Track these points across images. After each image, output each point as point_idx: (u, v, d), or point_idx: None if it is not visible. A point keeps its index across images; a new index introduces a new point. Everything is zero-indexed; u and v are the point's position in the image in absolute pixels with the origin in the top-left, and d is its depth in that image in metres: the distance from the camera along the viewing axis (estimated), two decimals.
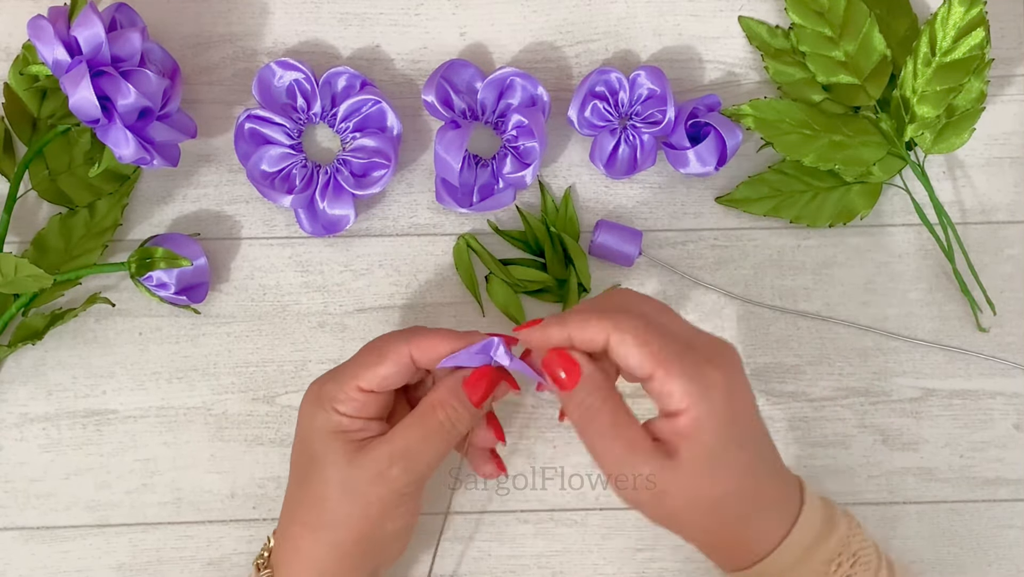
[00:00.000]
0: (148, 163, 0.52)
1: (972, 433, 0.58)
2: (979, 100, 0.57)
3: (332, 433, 0.47)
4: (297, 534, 0.48)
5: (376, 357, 0.48)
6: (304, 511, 0.48)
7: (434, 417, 0.48)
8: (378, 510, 0.47)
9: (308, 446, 0.48)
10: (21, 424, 0.57)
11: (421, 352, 0.48)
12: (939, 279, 0.59)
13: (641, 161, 0.57)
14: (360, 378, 0.47)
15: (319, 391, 0.48)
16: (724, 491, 0.44)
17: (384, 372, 0.48)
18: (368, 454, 0.47)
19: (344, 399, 0.47)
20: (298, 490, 0.49)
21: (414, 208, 0.59)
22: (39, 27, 0.49)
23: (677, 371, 0.43)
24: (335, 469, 0.47)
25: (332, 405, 0.47)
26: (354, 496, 0.47)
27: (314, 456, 0.48)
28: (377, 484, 0.47)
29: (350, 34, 0.59)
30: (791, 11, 0.58)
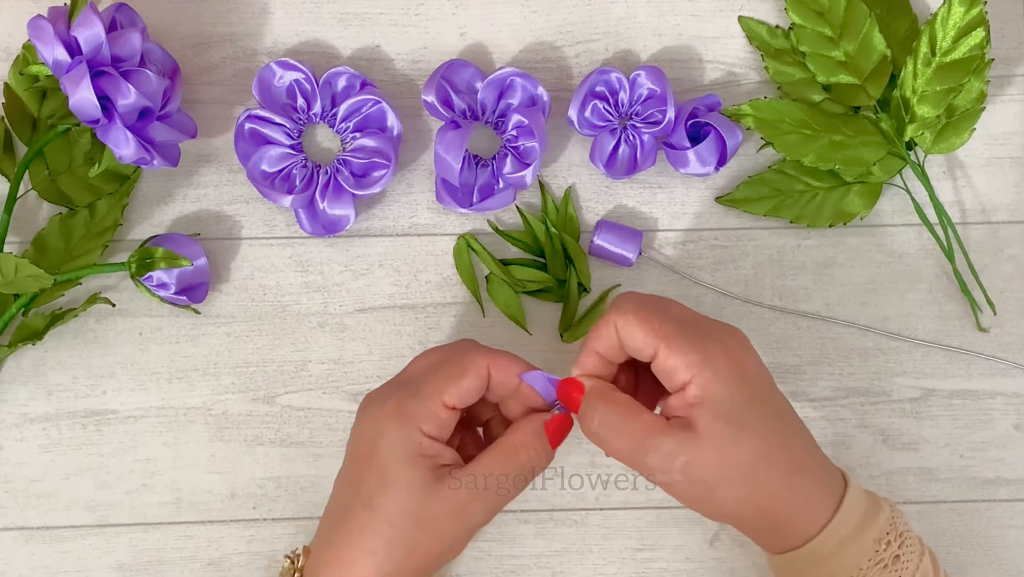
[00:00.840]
0: (148, 163, 0.52)
1: (972, 433, 0.58)
2: (979, 100, 0.57)
3: (412, 457, 0.45)
4: (352, 559, 0.45)
5: (458, 371, 0.46)
6: (367, 536, 0.45)
7: (517, 458, 0.47)
8: (450, 544, 0.46)
9: (378, 465, 0.45)
10: (21, 424, 0.57)
11: (498, 369, 0.47)
12: (939, 279, 0.59)
13: (641, 161, 0.57)
14: (446, 393, 0.45)
15: (399, 407, 0.45)
16: (751, 453, 0.44)
17: (467, 386, 0.46)
18: (449, 486, 0.45)
19: (429, 417, 0.45)
20: (361, 512, 0.45)
21: (414, 208, 0.59)
22: (39, 27, 0.49)
23: (678, 344, 0.44)
24: (412, 498, 0.45)
25: (418, 424, 0.45)
26: (429, 529, 0.45)
27: (387, 479, 0.45)
28: (456, 520, 0.45)
29: (350, 34, 0.59)
30: (791, 11, 0.58)
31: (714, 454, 0.44)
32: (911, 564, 0.46)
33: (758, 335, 0.58)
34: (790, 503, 0.45)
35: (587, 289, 0.58)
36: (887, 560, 0.45)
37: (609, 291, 0.58)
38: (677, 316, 0.46)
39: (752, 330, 0.58)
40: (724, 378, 0.44)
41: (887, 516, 0.46)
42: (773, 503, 0.45)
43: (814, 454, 0.47)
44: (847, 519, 0.45)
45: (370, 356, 0.57)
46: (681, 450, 0.44)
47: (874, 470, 0.58)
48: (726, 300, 0.58)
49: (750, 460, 0.44)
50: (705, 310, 0.58)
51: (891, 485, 0.58)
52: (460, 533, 0.46)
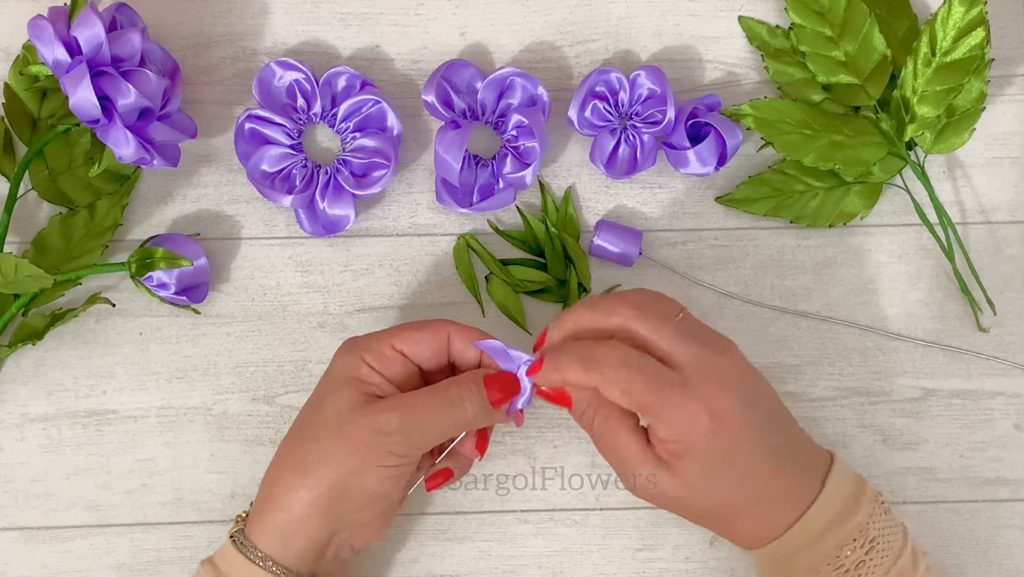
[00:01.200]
0: (148, 163, 0.52)
1: (972, 433, 0.58)
2: (979, 100, 0.57)
3: (349, 378, 0.48)
4: (277, 476, 0.48)
5: (417, 325, 0.49)
6: (294, 451, 0.48)
7: (446, 391, 0.48)
8: (363, 458, 0.46)
9: (322, 388, 0.49)
10: (21, 424, 0.57)
11: (459, 336, 0.49)
12: (939, 279, 0.59)
13: (641, 161, 0.57)
14: (396, 337, 0.49)
15: (353, 340, 0.49)
16: (716, 501, 0.47)
17: (420, 337, 0.49)
18: (373, 404, 0.47)
19: (374, 350, 0.48)
20: (296, 432, 0.49)
21: (414, 208, 0.59)
22: (39, 27, 0.49)
23: (658, 412, 0.46)
24: (336, 411, 0.47)
25: (360, 353, 0.48)
26: (346, 440, 0.47)
27: (323, 397, 0.48)
28: (371, 433, 0.46)
29: (350, 34, 0.59)
30: (791, 11, 0.58)
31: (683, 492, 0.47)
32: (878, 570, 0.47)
33: (758, 335, 0.58)
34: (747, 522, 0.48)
35: (587, 289, 0.58)
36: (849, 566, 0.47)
37: (609, 291, 0.58)
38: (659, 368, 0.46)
39: (752, 330, 0.58)
40: (703, 442, 0.46)
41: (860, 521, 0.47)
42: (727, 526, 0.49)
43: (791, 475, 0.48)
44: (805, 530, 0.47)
45: None
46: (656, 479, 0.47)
47: (874, 470, 0.58)
48: (726, 300, 0.58)
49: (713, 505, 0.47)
50: (705, 310, 0.58)
51: (891, 485, 0.58)
52: (376, 447, 0.46)
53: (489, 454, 0.57)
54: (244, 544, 0.47)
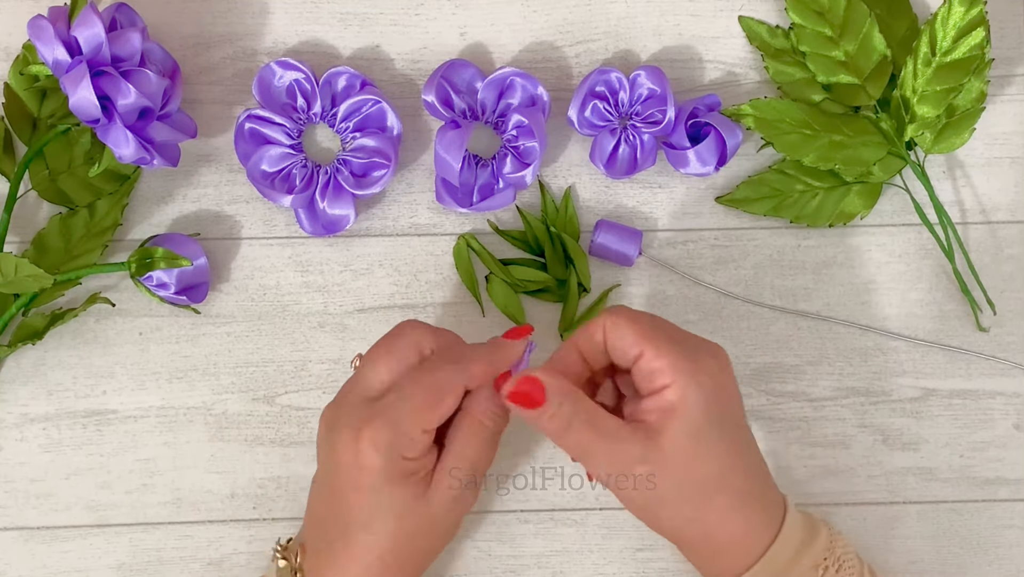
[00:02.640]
0: (148, 163, 0.52)
1: (972, 433, 0.58)
2: (979, 100, 0.57)
3: (401, 479, 0.46)
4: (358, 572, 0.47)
5: (437, 396, 0.46)
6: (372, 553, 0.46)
7: (484, 428, 0.48)
8: (450, 533, 0.49)
9: (370, 493, 0.46)
10: (21, 424, 0.57)
11: (476, 382, 0.48)
12: (939, 279, 0.59)
13: (641, 161, 0.57)
14: (425, 423, 0.46)
15: (376, 440, 0.45)
16: (708, 472, 0.45)
17: (446, 411, 0.47)
18: (439, 487, 0.47)
19: (411, 445, 0.46)
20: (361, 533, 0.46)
21: (414, 208, 0.59)
22: (39, 27, 0.49)
23: (666, 348, 0.45)
24: (410, 513, 0.46)
25: (399, 453, 0.46)
26: (430, 531, 0.47)
27: (380, 503, 0.46)
28: (453, 511, 0.47)
29: (350, 34, 0.59)
30: (791, 11, 0.58)
31: (677, 469, 0.44)
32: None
33: (758, 335, 0.58)
34: (734, 528, 0.46)
35: (587, 289, 0.58)
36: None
37: (609, 291, 0.58)
38: (667, 328, 0.47)
39: (752, 330, 0.58)
40: (704, 390, 0.44)
41: (824, 541, 0.47)
42: (717, 529, 0.46)
43: (763, 480, 0.48)
44: (786, 545, 0.46)
45: None
46: (644, 457, 0.44)
47: (874, 470, 0.58)
48: (726, 300, 0.58)
49: (706, 478, 0.45)
50: (705, 310, 0.58)
51: (891, 485, 0.58)
52: (458, 518, 0.49)
53: None
54: None
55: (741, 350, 0.58)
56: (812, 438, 0.58)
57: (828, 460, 0.58)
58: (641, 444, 0.44)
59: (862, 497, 0.58)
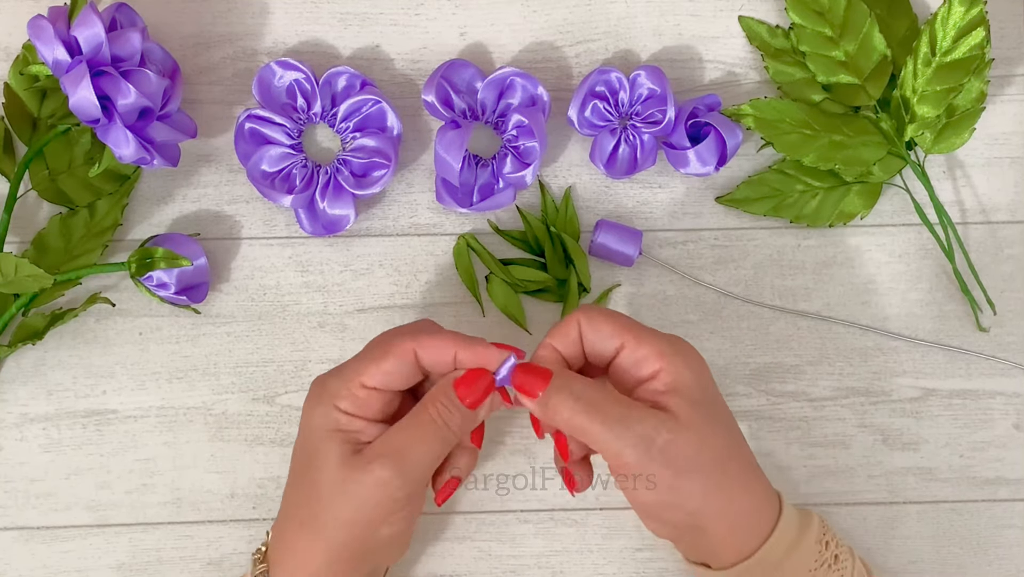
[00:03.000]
0: (148, 163, 0.52)
1: (972, 433, 0.58)
2: (979, 100, 0.57)
3: (331, 431, 0.47)
4: (292, 532, 0.47)
5: (380, 353, 0.47)
6: (300, 510, 0.47)
7: (425, 413, 0.47)
8: (373, 515, 0.46)
9: (307, 443, 0.47)
10: (21, 424, 0.57)
11: (426, 352, 0.47)
12: (939, 279, 0.59)
13: (641, 161, 0.57)
14: (363, 374, 0.46)
15: (322, 387, 0.47)
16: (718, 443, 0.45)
17: (387, 368, 0.47)
18: (364, 456, 0.46)
19: (346, 395, 0.47)
20: (295, 488, 0.48)
21: (414, 208, 0.59)
22: (39, 27, 0.49)
23: (647, 336, 0.46)
24: (331, 470, 0.46)
25: (333, 402, 0.47)
26: (349, 499, 0.46)
27: (312, 454, 0.47)
28: (373, 489, 0.46)
29: (350, 34, 0.59)
30: (791, 11, 0.58)
31: (693, 436, 0.44)
32: (848, 563, 0.48)
33: (758, 335, 0.58)
34: (749, 499, 0.46)
35: (587, 289, 0.58)
36: (829, 560, 0.47)
37: (609, 291, 0.58)
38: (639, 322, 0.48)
39: (752, 330, 0.58)
40: (693, 372, 0.46)
41: (818, 521, 0.49)
42: (739, 496, 0.46)
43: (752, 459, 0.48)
44: (789, 525, 0.47)
45: None
46: (664, 428, 0.44)
47: (874, 470, 0.58)
48: (726, 300, 0.58)
49: (723, 447, 0.46)
50: (705, 310, 0.58)
51: (891, 485, 0.58)
52: (383, 502, 0.46)
53: (489, 454, 0.57)
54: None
55: (741, 350, 0.58)
56: (812, 438, 0.58)
57: (828, 460, 0.58)
58: (655, 416, 0.44)
59: (862, 497, 0.58)
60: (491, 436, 0.57)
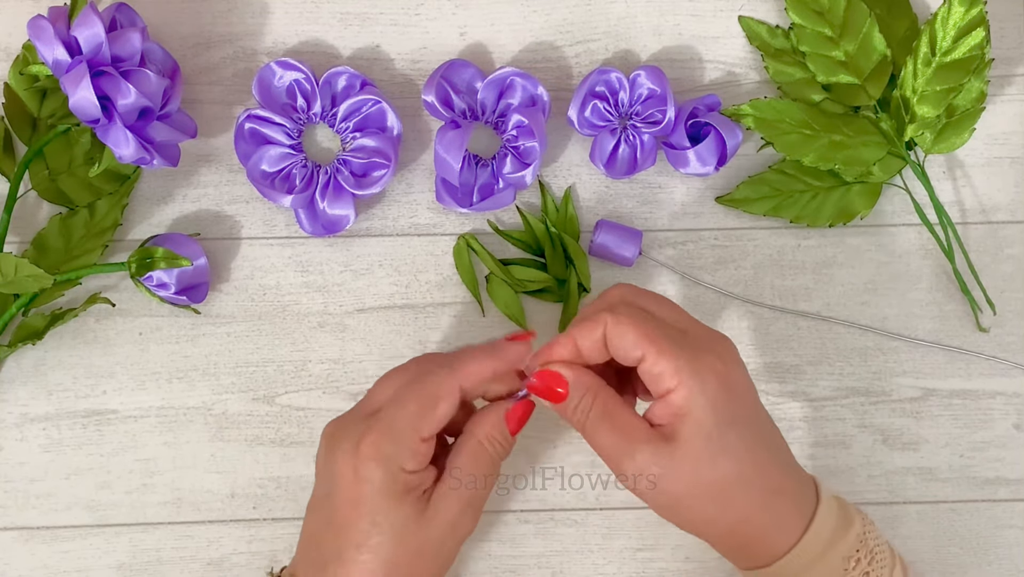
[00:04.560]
0: (148, 163, 0.52)
1: (972, 433, 0.58)
2: (979, 100, 0.57)
3: (399, 495, 0.44)
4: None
5: (430, 401, 0.45)
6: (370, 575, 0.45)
7: (486, 453, 0.47)
8: (448, 558, 0.46)
9: (368, 510, 0.45)
10: (21, 424, 0.57)
11: (469, 382, 0.46)
12: (939, 279, 0.59)
13: (641, 161, 0.57)
14: (422, 429, 0.45)
15: (377, 451, 0.44)
16: (724, 473, 0.44)
17: (442, 415, 0.45)
18: (438, 508, 0.45)
19: (410, 457, 0.44)
20: (358, 554, 0.44)
21: (414, 208, 0.59)
22: (39, 27, 0.49)
23: (669, 350, 0.44)
24: (408, 534, 0.45)
25: (399, 464, 0.44)
26: (428, 553, 0.45)
27: (378, 521, 0.44)
28: (451, 535, 0.46)
29: (350, 34, 0.59)
30: (791, 11, 0.58)
31: (687, 471, 0.44)
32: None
33: (758, 335, 0.58)
34: (761, 524, 0.45)
35: (587, 289, 0.58)
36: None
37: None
38: (670, 320, 0.46)
39: (752, 330, 0.58)
40: (710, 391, 0.44)
41: (858, 531, 0.46)
42: (744, 525, 0.45)
43: (790, 472, 0.46)
44: (816, 538, 0.45)
45: (370, 356, 0.57)
46: (654, 462, 0.44)
47: (874, 470, 0.58)
48: (726, 300, 0.58)
49: (723, 480, 0.44)
50: (705, 310, 0.58)
51: (891, 485, 0.58)
52: (455, 545, 0.47)
53: None
54: None
55: (741, 350, 0.58)
56: (812, 438, 0.58)
57: (828, 460, 0.58)
58: (653, 445, 0.44)
59: (862, 497, 0.58)
60: None
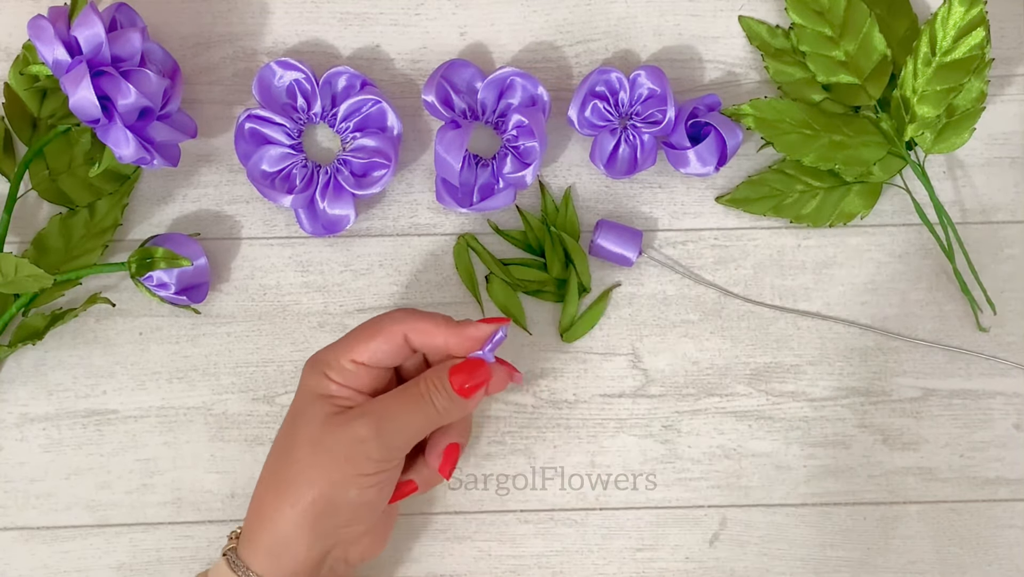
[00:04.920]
0: (148, 163, 0.52)
1: (972, 433, 0.58)
2: (979, 100, 0.57)
3: (318, 396, 0.48)
4: (262, 496, 0.48)
5: (371, 332, 0.49)
6: (275, 474, 0.48)
7: (415, 387, 0.48)
8: (344, 471, 0.46)
9: (295, 409, 0.49)
10: (21, 424, 0.57)
11: (416, 335, 0.49)
12: (939, 279, 0.59)
13: (641, 161, 0.57)
14: (354, 350, 0.48)
15: (315, 358, 0.49)
16: None
17: (376, 346, 0.48)
18: (346, 415, 0.47)
19: (336, 367, 0.48)
20: (275, 455, 0.49)
21: (414, 208, 0.59)
22: (39, 27, 0.49)
23: None
24: (311, 427, 0.47)
25: (324, 370, 0.48)
26: (322, 453, 0.47)
27: (295, 417, 0.49)
28: (348, 444, 0.47)
29: (350, 34, 0.59)
30: (791, 11, 0.58)
31: None
32: None
33: (758, 335, 0.58)
34: None
35: (587, 289, 0.58)
36: None
37: (609, 291, 0.58)
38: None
39: (752, 330, 0.58)
40: None
41: None
42: None
43: None
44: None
45: None
46: None
47: (874, 470, 0.58)
48: (726, 300, 0.58)
49: None
50: (705, 310, 0.58)
51: (891, 485, 0.58)
52: (356, 457, 0.47)
53: (489, 454, 0.57)
54: (237, 564, 0.48)
55: (741, 350, 0.58)
56: (812, 438, 0.58)
57: (828, 460, 0.58)
58: None
59: (862, 497, 0.58)
60: (491, 436, 0.57)
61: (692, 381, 0.58)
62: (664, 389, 0.58)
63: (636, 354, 0.58)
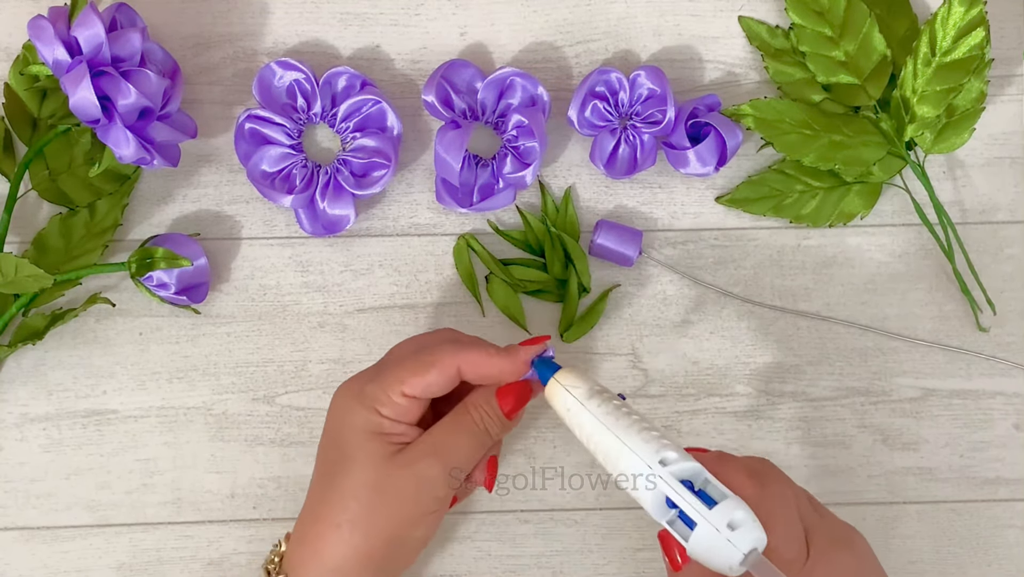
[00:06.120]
0: (148, 163, 0.52)
1: (972, 433, 0.58)
2: (979, 100, 0.57)
3: (371, 433, 0.47)
4: (319, 534, 0.47)
5: (424, 366, 0.47)
6: (331, 510, 0.47)
7: (467, 417, 0.48)
8: (413, 513, 0.47)
9: (341, 444, 0.48)
10: (21, 424, 0.57)
11: (469, 367, 0.48)
12: (939, 279, 0.59)
13: (641, 161, 0.57)
14: (406, 384, 0.47)
15: (360, 390, 0.48)
16: None
17: (431, 380, 0.47)
18: (408, 455, 0.47)
19: (387, 402, 0.47)
20: (326, 489, 0.48)
21: (414, 208, 0.59)
22: (39, 27, 0.49)
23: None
24: (371, 468, 0.46)
25: (374, 406, 0.47)
26: (390, 497, 0.46)
27: (347, 455, 0.47)
28: (417, 486, 0.46)
29: (350, 34, 0.59)
30: (791, 11, 0.58)
31: None
32: None
33: (758, 335, 0.58)
34: None
35: (587, 289, 0.58)
36: None
37: (609, 291, 0.58)
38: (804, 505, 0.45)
39: (752, 330, 0.58)
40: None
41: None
42: None
43: None
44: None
45: (370, 356, 0.57)
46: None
47: (874, 470, 0.58)
48: (726, 300, 0.58)
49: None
50: (705, 310, 0.58)
51: (891, 485, 0.58)
52: (420, 499, 0.47)
53: None
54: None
55: (741, 350, 0.58)
56: (812, 438, 0.58)
57: (828, 460, 0.58)
58: None
59: (862, 497, 0.58)
60: None
61: (692, 381, 0.58)
62: (664, 389, 0.58)
63: (636, 354, 0.58)
